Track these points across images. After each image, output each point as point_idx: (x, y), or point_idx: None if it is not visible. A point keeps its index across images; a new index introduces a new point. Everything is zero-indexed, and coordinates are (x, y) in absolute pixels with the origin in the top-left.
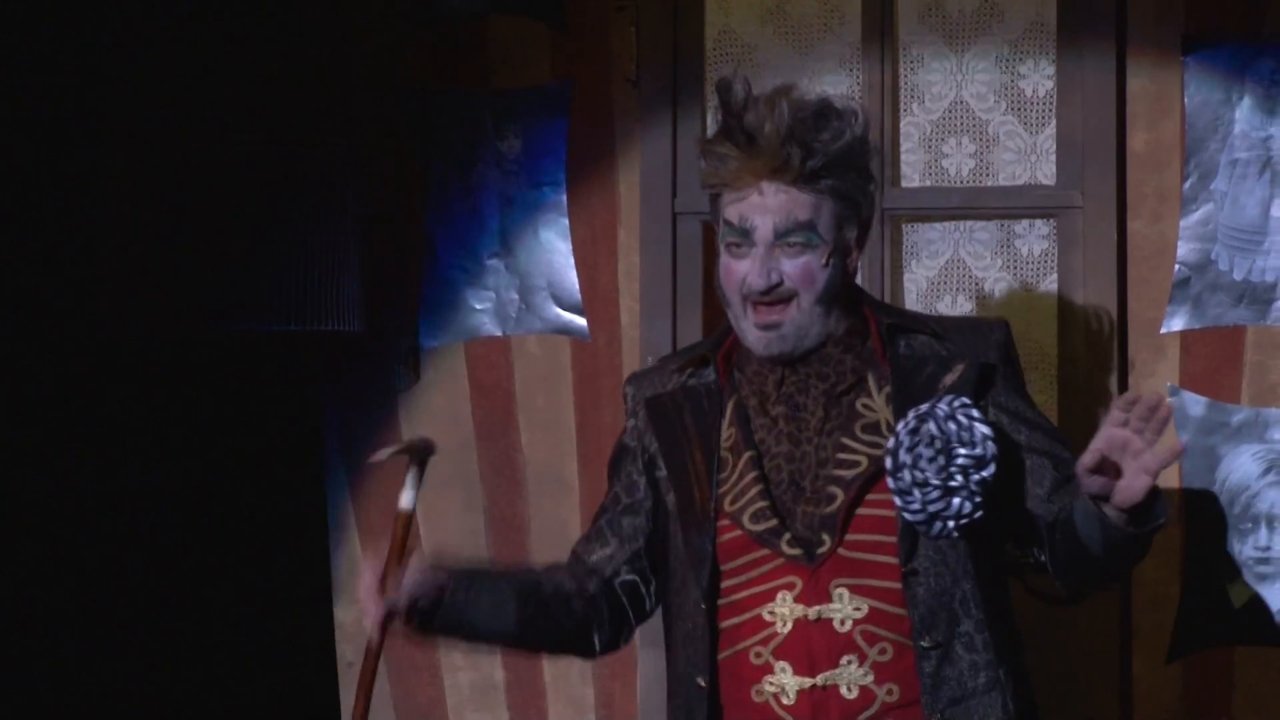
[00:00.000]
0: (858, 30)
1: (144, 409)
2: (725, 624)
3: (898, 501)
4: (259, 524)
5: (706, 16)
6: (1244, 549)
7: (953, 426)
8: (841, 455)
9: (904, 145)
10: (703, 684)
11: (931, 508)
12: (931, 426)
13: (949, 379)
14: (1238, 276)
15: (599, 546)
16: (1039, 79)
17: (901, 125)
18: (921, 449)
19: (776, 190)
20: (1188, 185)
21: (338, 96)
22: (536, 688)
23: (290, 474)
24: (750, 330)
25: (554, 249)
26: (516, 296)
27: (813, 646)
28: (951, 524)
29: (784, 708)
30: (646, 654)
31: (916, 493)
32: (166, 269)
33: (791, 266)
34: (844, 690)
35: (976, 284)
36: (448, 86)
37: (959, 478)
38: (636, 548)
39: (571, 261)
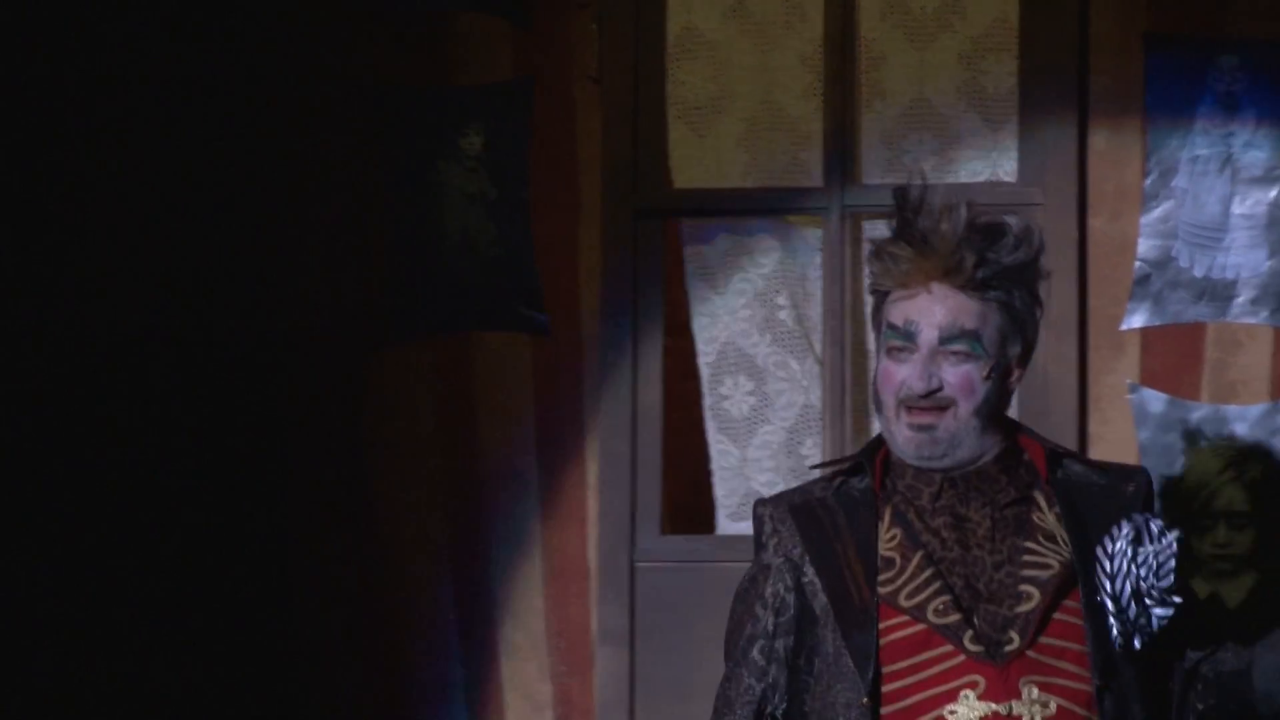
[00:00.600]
0: (819, 27)
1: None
2: None
3: (1109, 607)
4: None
5: (668, 13)
6: (1203, 545)
7: (1170, 537)
8: (1027, 557)
9: (865, 142)
10: None
11: (1139, 620)
12: (1153, 533)
13: (1116, 503)
14: (1198, 273)
15: (756, 679)
16: (1001, 76)
17: (863, 122)
18: (1151, 559)
19: (945, 294)
20: (1149, 182)
21: (300, 94)
22: (494, 684)
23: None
24: (901, 431)
25: (515, 246)
26: (477, 293)
27: None
28: (1142, 638)
29: None
30: (605, 651)
31: (1134, 604)
32: (127, 268)
33: (952, 374)
34: None
35: None
36: (409, 83)
37: (1163, 594)
38: (792, 666)
39: (532, 259)
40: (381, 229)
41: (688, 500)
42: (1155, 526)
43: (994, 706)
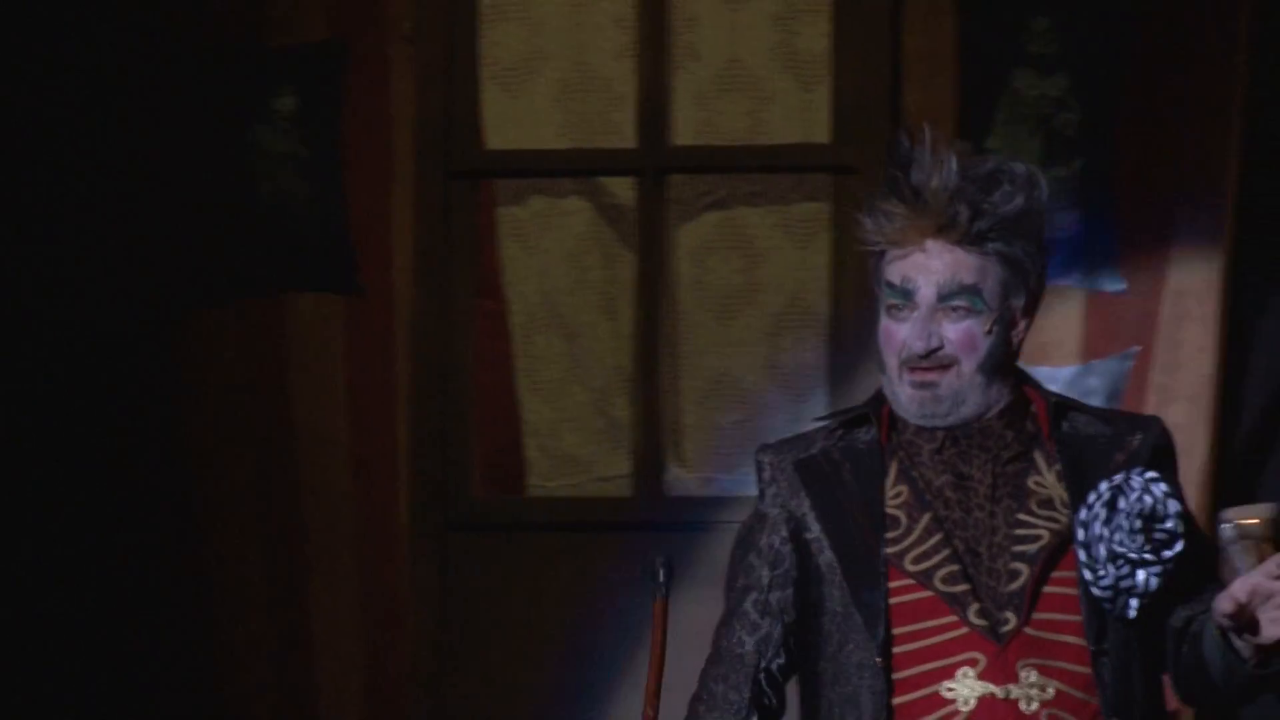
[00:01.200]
0: None
1: None
2: (900, 699)
3: (1087, 575)
4: None
5: None
6: None
7: (1149, 499)
8: (1019, 531)
9: (677, 103)
10: None
11: (1123, 583)
12: (1131, 498)
13: (1120, 456)
14: None
15: (748, 633)
16: (814, 37)
17: (676, 83)
18: (1121, 520)
19: (942, 249)
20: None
21: (110, 53)
22: (305, 644)
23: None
24: (904, 391)
25: (328, 207)
26: (289, 254)
27: None
28: (1134, 601)
29: None
30: (417, 612)
31: (1110, 567)
32: None
33: (953, 331)
34: None
35: (749, 243)
36: (221, 43)
37: (1150, 552)
38: (790, 621)
39: (345, 220)
40: (193, 189)
41: (500, 461)
42: (1137, 483)
43: (992, 688)
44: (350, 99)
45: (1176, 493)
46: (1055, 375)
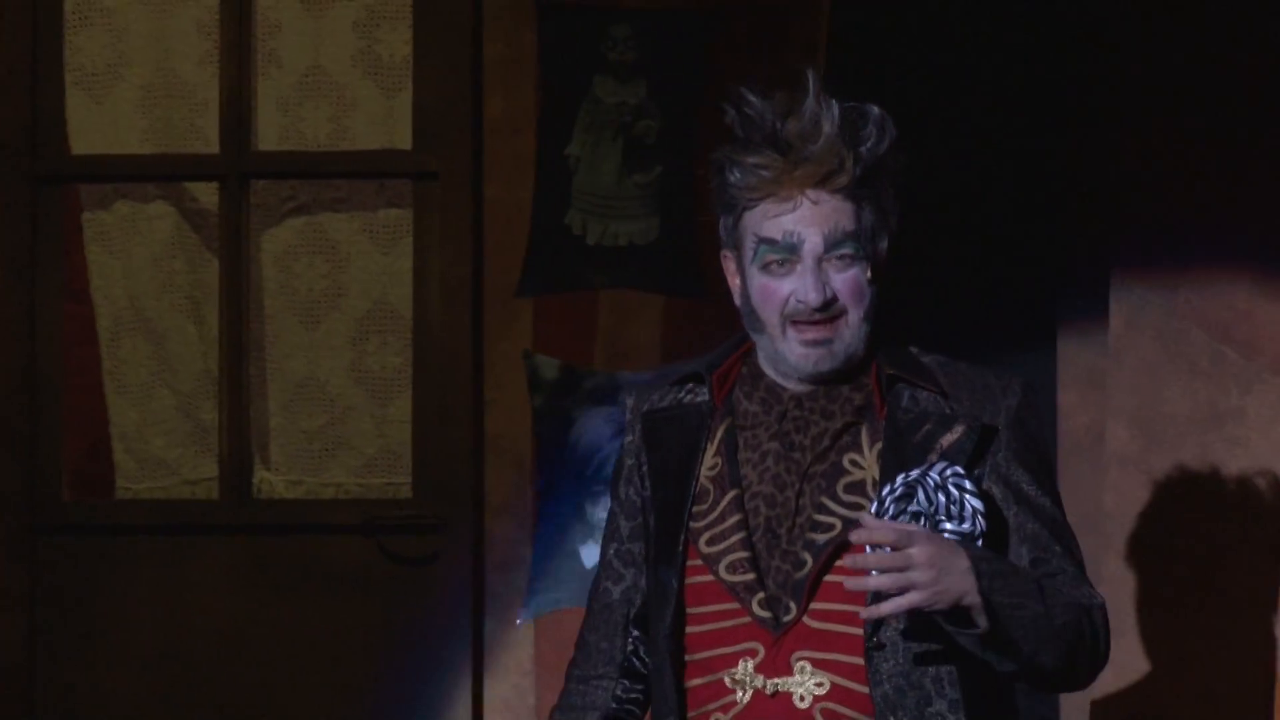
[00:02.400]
0: None
1: None
2: (691, 683)
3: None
4: None
5: None
6: (596, 511)
7: (941, 498)
8: (819, 516)
9: (261, 108)
10: None
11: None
12: (920, 496)
13: (947, 440)
14: (591, 241)
15: (613, 582)
16: (396, 44)
17: (259, 88)
18: (904, 519)
19: (823, 198)
20: (544, 150)
21: None
22: None
23: None
24: (793, 350)
25: None
26: None
27: None
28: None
29: None
30: (4, 615)
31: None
32: None
33: (840, 281)
34: None
35: (333, 247)
36: None
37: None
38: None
39: None
40: None
41: (88, 464)
42: (933, 480)
43: (768, 680)
44: None
45: (1016, 477)
46: (636, 380)
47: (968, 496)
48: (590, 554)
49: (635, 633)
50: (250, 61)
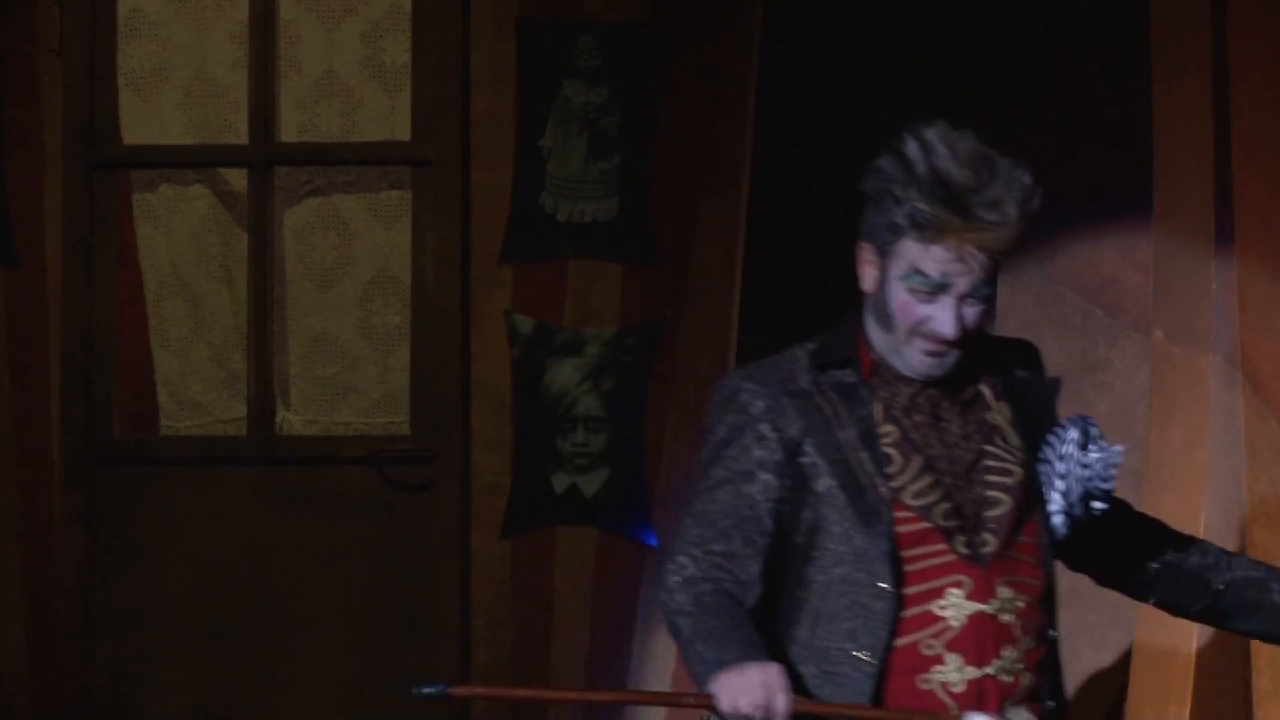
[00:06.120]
0: (245, 10)
1: None
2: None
3: (1060, 505)
4: None
5: None
6: (565, 445)
7: (1094, 431)
8: (990, 462)
9: (283, 107)
10: (873, 662)
11: (1081, 517)
12: (1093, 444)
13: (1051, 402)
14: (561, 218)
15: (749, 555)
16: (397, 52)
17: (282, 90)
18: (1096, 462)
19: (977, 254)
20: (522, 142)
21: None
22: None
23: None
24: (914, 355)
25: None
26: None
27: (982, 639)
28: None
29: (951, 695)
30: (68, 532)
31: (1079, 504)
32: None
33: (971, 315)
34: (1003, 677)
35: (344, 224)
36: None
37: (1105, 494)
38: (771, 541)
39: (4, 205)
40: None
41: (137, 406)
42: (1095, 429)
43: (979, 606)
44: (7, 103)
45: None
46: (599, 335)
47: (1093, 428)
48: (559, 482)
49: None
50: (274, 66)
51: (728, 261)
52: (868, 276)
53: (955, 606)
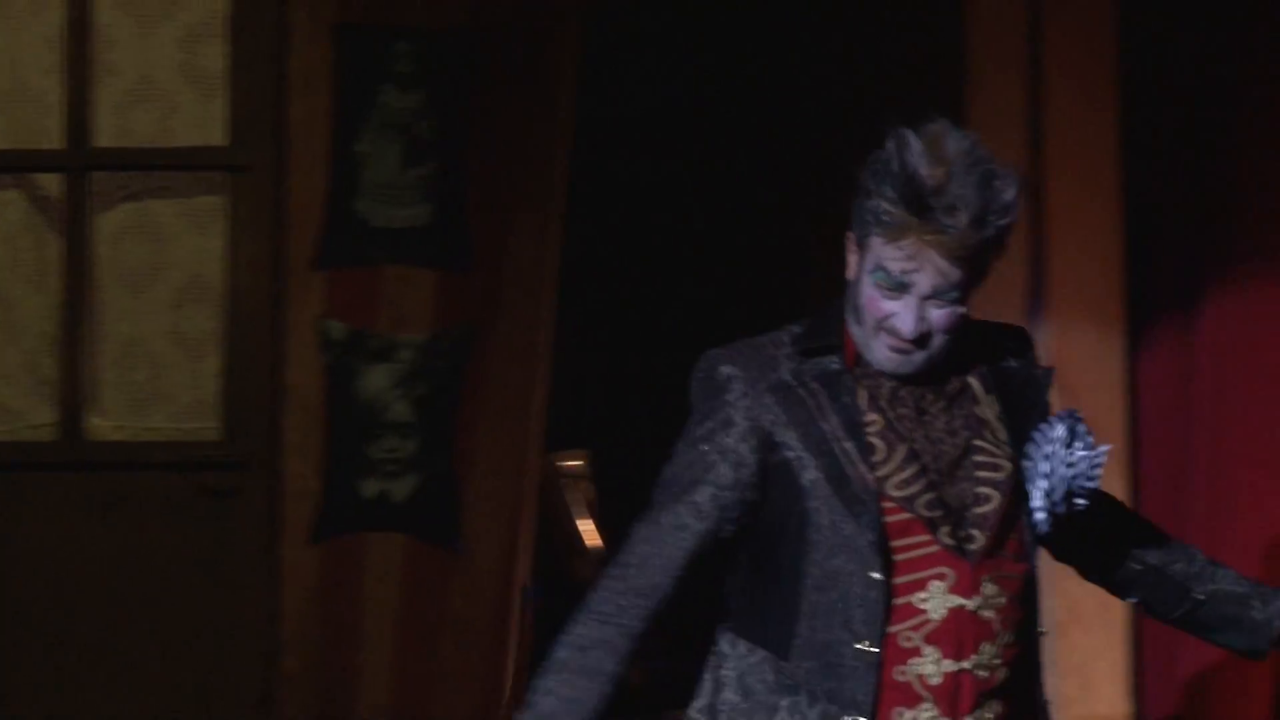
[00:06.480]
0: (61, 14)
1: None
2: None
3: (1043, 502)
4: None
5: None
6: (375, 451)
7: (1081, 428)
8: (979, 458)
9: (99, 112)
10: (875, 650)
11: (1063, 513)
12: (1078, 441)
13: (1041, 395)
14: (376, 224)
15: (693, 518)
16: (214, 57)
17: (97, 95)
18: (1081, 460)
19: (942, 258)
20: (338, 147)
21: None
22: None
23: None
24: (881, 350)
25: None
26: None
27: (962, 633)
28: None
29: (927, 687)
30: None
31: (1063, 502)
32: None
33: (937, 317)
34: (979, 673)
35: (158, 229)
36: None
37: (1088, 492)
38: (731, 519)
39: None
40: None
41: None
42: (1082, 426)
43: (961, 600)
44: None
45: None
46: (412, 341)
47: (1080, 424)
48: (369, 488)
49: (686, 570)
50: (90, 71)
51: (542, 267)
52: (850, 265)
53: (936, 599)
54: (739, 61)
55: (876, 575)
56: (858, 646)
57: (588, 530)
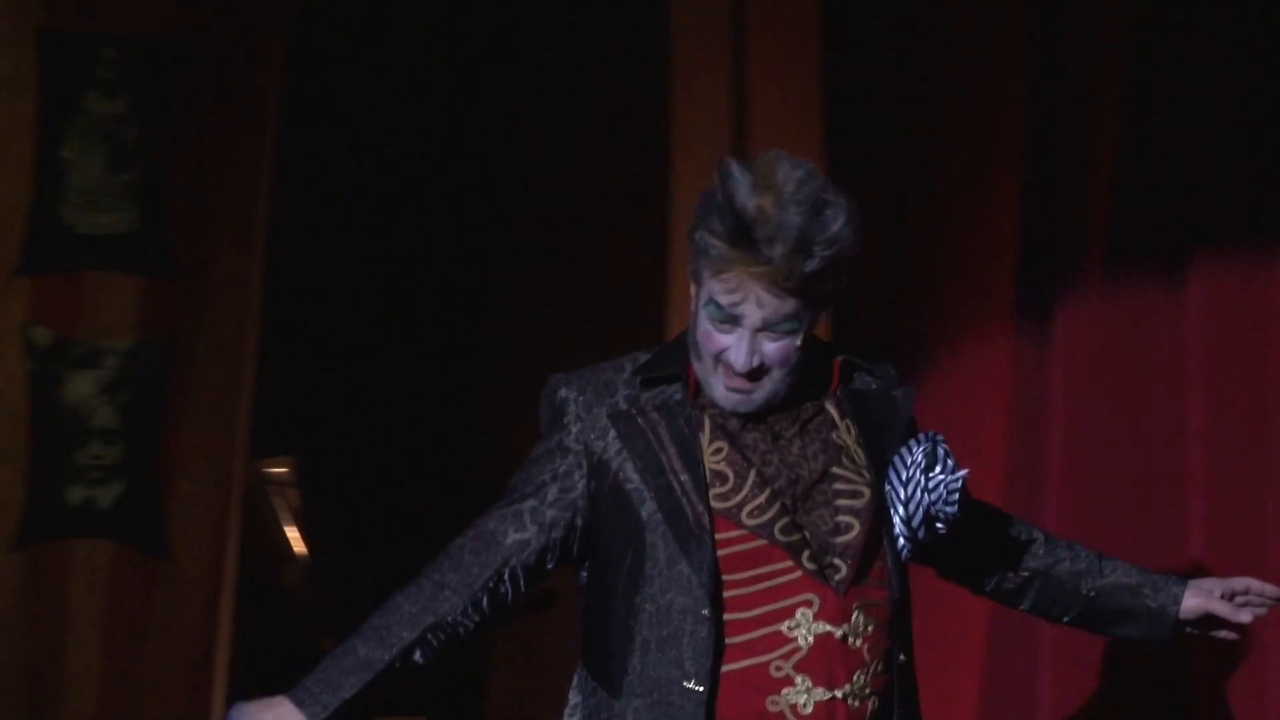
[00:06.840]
0: None
1: None
2: (737, 639)
3: (903, 529)
4: None
5: None
6: (81, 457)
7: (941, 451)
8: (838, 485)
9: None
10: (701, 689)
11: (924, 538)
12: (938, 466)
13: (899, 417)
14: (80, 230)
15: (515, 530)
16: None
17: None
18: (940, 484)
19: (769, 294)
20: (42, 153)
21: None
22: None
23: None
24: (718, 388)
25: None
26: None
27: (833, 662)
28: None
29: (800, 717)
30: None
31: (923, 527)
32: None
33: (772, 350)
34: (851, 702)
35: None
36: None
37: (948, 516)
38: (554, 539)
39: None
40: None
41: None
42: (943, 450)
43: (829, 627)
44: None
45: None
46: (117, 348)
47: (940, 448)
48: (74, 494)
49: (504, 578)
50: None
51: (248, 274)
52: (691, 299)
53: (804, 626)
54: (444, 60)
55: (706, 612)
56: (686, 685)
57: (294, 537)
